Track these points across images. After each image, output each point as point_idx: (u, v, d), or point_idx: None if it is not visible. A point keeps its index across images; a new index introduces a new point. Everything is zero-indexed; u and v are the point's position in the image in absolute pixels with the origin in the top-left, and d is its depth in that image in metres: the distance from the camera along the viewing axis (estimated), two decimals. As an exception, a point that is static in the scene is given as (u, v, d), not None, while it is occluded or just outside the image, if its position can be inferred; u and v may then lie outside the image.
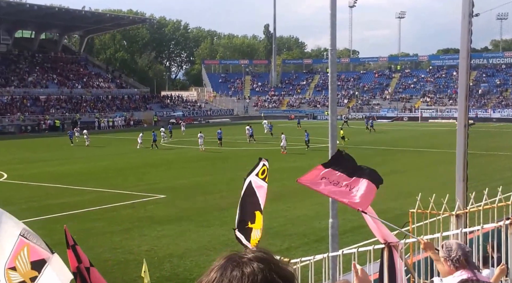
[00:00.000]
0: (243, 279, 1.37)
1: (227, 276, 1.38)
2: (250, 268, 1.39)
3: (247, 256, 1.43)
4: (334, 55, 11.55)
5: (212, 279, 1.40)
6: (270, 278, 1.38)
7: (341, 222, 13.09)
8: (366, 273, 3.08)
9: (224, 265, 1.42)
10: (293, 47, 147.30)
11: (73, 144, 48.63)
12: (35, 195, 24.32)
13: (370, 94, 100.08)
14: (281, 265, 1.44)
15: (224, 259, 1.45)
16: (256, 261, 1.41)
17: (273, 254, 1.48)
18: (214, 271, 1.42)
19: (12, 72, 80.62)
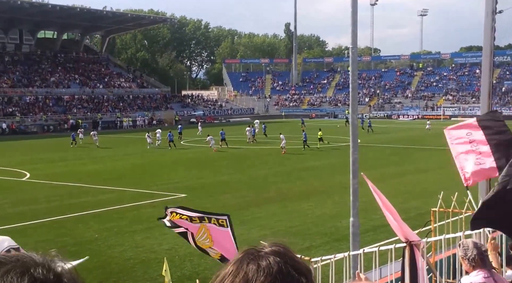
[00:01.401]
0: (258, 271, 1.39)
1: (243, 269, 1.41)
2: (266, 261, 1.41)
3: (264, 250, 1.46)
4: (355, 53, 11.46)
5: (229, 272, 1.43)
6: (285, 271, 1.39)
7: (362, 221, 13.01)
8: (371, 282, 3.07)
9: (241, 259, 1.45)
10: (314, 46, 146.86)
11: (72, 145, 46.98)
12: (58, 194, 24.60)
13: (392, 93, 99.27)
14: (297, 259, 1.46)
15: (241, 253, 1.48)
16: (273, 254, 1.43)
17: (291, 249, 1.49)
18: (231, 265, 1.45)
19: (35, 73, 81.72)
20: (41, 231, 17.91)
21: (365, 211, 16.46)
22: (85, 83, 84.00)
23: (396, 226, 6.22)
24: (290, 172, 30.59)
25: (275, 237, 13.20)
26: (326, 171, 30.24)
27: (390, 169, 30.57)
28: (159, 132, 46.84)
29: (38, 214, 20.26)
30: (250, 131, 49.84)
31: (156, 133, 46.64)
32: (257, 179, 28.16)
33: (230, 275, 1.42)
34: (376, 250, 7.22)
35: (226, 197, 23.28)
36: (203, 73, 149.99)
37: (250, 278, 1.39)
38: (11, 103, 71.52)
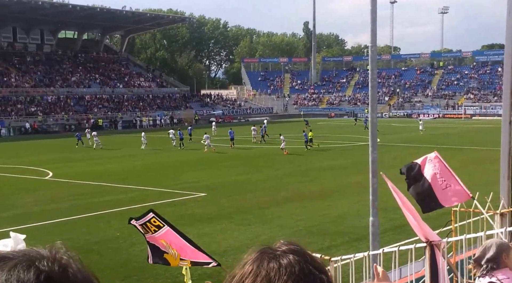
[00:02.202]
0: (280, 270, 1.36)
1: (264, 267, 1.38)
2: (287, 260, 1.39)
3: (281, 248, 1.44)
4: (374, 52, 11.44)
5: (249, 271, 1.40)
6: (307, 269, 1.38)
7: (382, 220, 12.98)
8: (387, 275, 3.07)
9: (260, 258, 1.42)
10: (333, 45, 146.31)
11: (78, 146, 46.59)
12: (80, 192, 24.90)
13: (412, 92, 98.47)
14: (315, 257, 1.46)
15: (256, 252, 1.45)
16: (291, 253, 1.42)
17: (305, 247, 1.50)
18: (249, 264, 1.42)
19: (56, 72, 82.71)
20: (63, 229, 18.17)
21: (385, 210, 16.41)
22: (105, 83, 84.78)
23: (416, 226, 6.23)
24: (307, 171, 30.56)
25: (295, 236, 13.24)
26: (344, 170, 30.15)
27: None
28: (171, 133, 46.80)
29: (61, 212, 20.54)
30: (257, 131, 49.19)
31: (169, 134, 46.77)
32: (275, 179, 28.18)
33: (251, 275, 1.39)
34: (396, 250, 7.22)
35: (246, 196, 23.35)
36: (222, 73, 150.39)
37: (272, 277, 1.36)
38: (33, 103, 72.50)
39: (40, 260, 1.14)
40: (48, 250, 1.18)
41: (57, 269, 1.14)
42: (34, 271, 1.11)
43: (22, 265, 1.12)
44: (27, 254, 1.16)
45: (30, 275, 1.10)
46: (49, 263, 1.14)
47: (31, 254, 1.16)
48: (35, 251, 1.17)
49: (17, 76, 77.67)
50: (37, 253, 1.17)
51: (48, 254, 1.17)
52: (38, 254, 1.16)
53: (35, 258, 1.14)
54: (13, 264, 1.12)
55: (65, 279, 1.14)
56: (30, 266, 1.12)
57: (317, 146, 41.85)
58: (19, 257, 1.14)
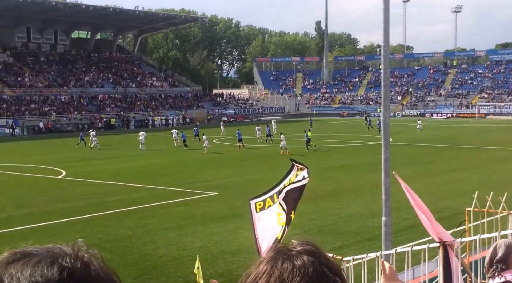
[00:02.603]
0: (294, 271, 1.36)
1: (278, 268, 1.38)
2: (301, 261, 1.38)
3: (296, 249, 1.44)
4: (387, 51, 11.40)
5: (263, 271, 1.40)
6: (320, 271, 1.38)
7: (394, 220, 12.93)
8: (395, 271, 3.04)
9: (274, 257, 1.42)
10: (345, 44, 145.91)
11: (78, 146, 46.04)
12: (93, 191, 25.05)
13: (425, 91, 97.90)
14: (330, 258, 1.45)
15: (272, 252, 1.45)
16: (306, 254, 1.41)
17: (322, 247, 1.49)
18: (264, 264, 1.42)
19: (69, 72, 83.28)
20: (77, 228, 18.28)
21: (398, 210, 16.35)
22: (118, 83, 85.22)
23: (429, 226, 6.19)
24: (320, 170, 30.50)
25: (307, 235, 13.21)
26: (357, 170, 30.05)
27: (422, 168, 30.21)
28: (174, 133, 46.74)
29: (74, 211, 20.67)
30: (262, 131, 48.71)
31: (172, 133, 46.76)
32: (288, 178, 28.11)
33: (265, 275, 1.39)
34: (408, 250, 7.18)
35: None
36: (234, 72, 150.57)
37: (285, 278, 1.36)
38: (46, 103, 73.05)
39: (63, 257, 1.16)
40: (70, 247, 1.21)
41: (80, 266, 1.16)
42: (57, 268, 1.13)
43: (46, 261, 1.14)
44: (50, 251, 1.18)
45: (53, 271, 1.12)
46: (72, 260, 1.16)
47: (54, 251, 1.19)
48: (58, 248, 1.20)
49: (31, 76, 78.31)
50: (60, 250, 1.19)
51: (71, 251, 1.19)
52: (61, 251, 1.18)
53: (58, 255, 1.17)
54: (37, 260, 1.14)
55: (87, 276, 1.16)
56: (54, 263, 1.14)
57: (313, 146, 41.04)
58: (43, 253, 1.17)
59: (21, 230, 17.78)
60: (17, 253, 1.18)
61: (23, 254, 1.17)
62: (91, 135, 46.30)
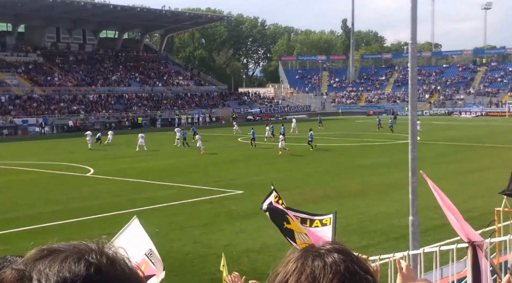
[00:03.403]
0: (325, 268, 1.35)
1: (309, 265, 1.37)
2: (332, 258, 1.37)
3: (325, 247, 1.42)
4: (414, 49, 11.28)
5: (293, 269, 1.39)
6: (352, 269, 1.36)
7: (422, 220, 12.77)
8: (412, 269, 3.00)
9: (304, 255, 1.41)
10: (372, 42, 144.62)
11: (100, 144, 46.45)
12: (120, 189, 25.34)
13: (453, 89, 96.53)
14: (359, 257, 1.44)
15: (300, 251, 1.44)
16: (336, 252, 1.40)
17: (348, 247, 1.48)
18: (293, 262, 1.41)
19: (97, 72, 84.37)
20: (105, 225, 18.50)
21: (425, 209, 16.14)
22: (145, 82, 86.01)
23: (457, 226, 6.10)
24: (345, 169, 30.34)
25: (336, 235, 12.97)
26: (384, 168, 29.79)
27: (451, 167, 29.80)
28: (178, 131, 46.67)
29: (102, 208, 20.94)
30: (270, 130, 47.54)
31: (176, 133, 46.72)
32: (313, 176, 28.07)
33: (295, 273, 1.38)
34: (436, 250, 7.10)
35: (283, 194, 23.14)
36: (260, 71, 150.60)
37: (317, 275, 1.34)
38: (75, 102, 74.14)
39: (89, 253, 1.18)
40: (95, 243, 1.23)
41: (106, 261, 1.18)
42: (84, 263, 1.15)
43: (73, 257, 1.16)
44: (76, 247, 1.20)
45: (80, 267, 1.15)
46: (98, 255, 1.18)
47: (80, 247, 1.21)
48: (84, 244, 1.22)
49: (60, 75, 79.55)
50: (86, 246, 1.21)
51: (96, 248, 1.21)
52: (87, 247, 1.20)
53: (84, 251, 1.19)
54: (64, 256, 1.17)
55: (113, 271, 1.18)
56: (80, 259, 1.16)
57: (313, 147, 39.79)
58: (70, 249, 1.19)
59: (51, 226, 18.07)
60: (44, 249, 1.20)
61: (50, 250, 1.19)
62: (86, 134, 45.69)
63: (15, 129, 64.07)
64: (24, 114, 66.66)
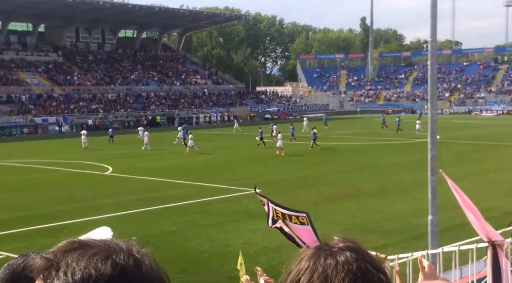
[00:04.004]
0: (337, 267, 1.34)
1: (321, 264, 1.36)
2: (344, 257, 1.36)
3: (338, 245, 1.41)
4: (434, 47, 11.16)
5: (305, 267, 1.38)
6: (364, 267, 1.35)
7: (441, 219, 12.63)
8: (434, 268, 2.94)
9: (316, 254, 1.40)
10: (391, 40, 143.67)
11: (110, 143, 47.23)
12: (137, 188, 25.48)
13: (474, 87, 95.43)
14: (372, 256, 1.42)
15: (312, 249, 1.42)
16: (348, 250, 1.39)
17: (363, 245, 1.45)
18: (306, 260, 1.40)
19: (116, 71, 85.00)
20: (123, 223, 18.62)
21: (444, 209, 15.95)
22: (163, 81, 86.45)
23: (477, 225, 6.01)
24: (365, 168, 30.15)
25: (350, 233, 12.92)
26: (403, 167, 29.55)
27: (471, 166, 29.46)
28: (180, 130, 46.79)
29: (120, 206, 21.08)
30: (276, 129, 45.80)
31: (179, 131, 46.74)
32: (331, 175, 27.95)
33: (308, 271, 1.37)
34: (456, 249, 7.00)
35: (301, 192, 23.25)
36: (277, 69, 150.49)
37: (329, 274, 1.34)
38: (94, 101, 74.78)
39: (117, 252, 1.19)
40: (125, 244, 1.23)
41: (132, 263, 1.18)
42: (111, 263, 1.16)
43: (101, 255, 1.17)
44: (106, 245, 1.21)
45: (107, 266, 1.15)
46: (125, 257, 1.18)
47: (110, 245, 1.21)
48: (114, 243, 1.22)
49: (80, 74, 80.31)
50: (116, 245, 1.21)
51: (126, 248, 1.21)
52: (117, 246, 1.21)
53: (113, 250, 1.19)
54: (93, 252, 1.17)
55: (138, 274, 1.18)
56: (108, 257, 1.17)
57: (312, 147, 39.07)
58: (99, 246, 1.20)
59: (69, 224, 18.23)
60: (75, 242, 1.21)
61: (80, 244, 1.20)
62: (82, 133, 46.36)
63: (35, 128, 64.84)
64: (44, 113, 67.43)
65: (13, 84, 71.01)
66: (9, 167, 34.16)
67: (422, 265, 2.93)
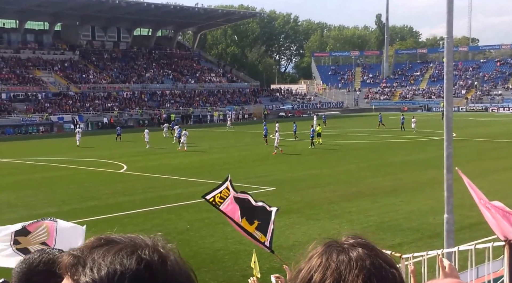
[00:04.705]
0: (351, 263, 1.32)
1: (334, 260, 1.34)
2: (357, 253, 1.34)
3: (349, 241, 1.39)
4: (450, 43, 11.05)
5: (317, 265, 1.35)
6: (378, 263, 1.33)
7: (457, 217, 12.51)
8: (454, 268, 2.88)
9: (327, 250, 1.37)
10: (407, 37, 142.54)
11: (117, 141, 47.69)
12: (152, 185, 25.58)
13: (491, 84, 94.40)
14: (383, 252, 1.39)
15: (322, 246, 1.40)
16: (360, 246, 1.37)
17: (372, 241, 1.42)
18: (317, 257, 1.37)
19: (131, 69, 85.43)
20: (137, 221, 18.72)
21: (461, 207, 15.81)
22: (177, 79, 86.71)
23: (494, 224, 5.92)
24: (380, 166, 29.97)
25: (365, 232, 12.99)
26: (419, 165, 29.32)
27: (487, 164, 29.16)
28: (178, 129, 46.63)
29: (135, 204, 21.18)
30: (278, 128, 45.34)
31: (175, 130, 46.93)
32: (346, 174, 27.82)
33: (320, 268, 1.35)
34: (472, 248, 6.91)
35: (315, 191, 23.18)
36: (292, 67, 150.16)
37: (342, 271, 1.32)
38: (109, 99, 75.24)
39: (143, 248, 1.20)
40: (150, 239, 1.24)
41: (157, 259, 1.19)
42: (136, 258, 1.17)
43: (127, 250, 1.19)
44: (132, 241, 1.22)
45: (132, 261, 1.17)
46: (150, 252, 1.20)
47: (136, 241, 1.22)
48: (140, 238, 1.23)
49: (95, 73, 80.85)
50: (142, 241, 1.23)
51: (151, 244, 1.22)
52: (143, 242, 1.22)
53: (139, 245, 1.21)
54: (119, 248, 1.19)
55: (163, 269, 1.19)
56: (133, 253, 1.18)
57: (311, 146, 38.92)
58: (125, 242, 1.22)
59: (84, 222, 18.27)
60: (102, 238, 1.23)
61: (107, 240, 1.22)
62: (77, 131, 47.65)
63: (51, 126, 65.37)
64: (60, 112, 67.99)
65: (29, 82, 71.70)
66: (25, 165, 34.50)
67: (443, 264, 2.88)
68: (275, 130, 40.52)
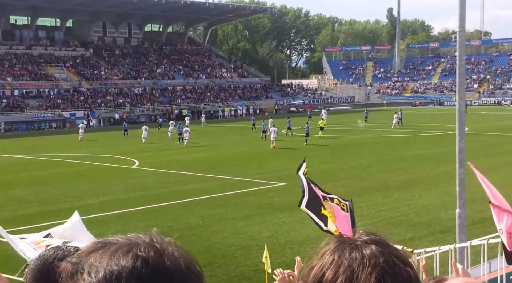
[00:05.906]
0: (364, 261, 1.30)
1: (346, 258, 1.32)
2: (370, 250, 1.33)
3: (362, 238, 1.37)
4: (463, 37, 10.97)
5: (329, 262, 1.34)
6: (391, 261, 1.31)
7: (469, 212, 12.46)
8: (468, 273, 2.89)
9: (340, 247, 1.36)
10: (418, 31, 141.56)
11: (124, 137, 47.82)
12: (164, 181, 25.67)
13: (504, 78, 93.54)
14: (398, 249, 1.37)
15: (335, 242, 1.38)
16: (373, 243, 1.35)
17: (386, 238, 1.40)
18: (329, 254, 1.35)
19: (142, 65, 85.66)
20: (149, 216, 18.81)
21: (473, 202, 15.73)
22: (188, 74, 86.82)
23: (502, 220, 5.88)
24: (392, 161, 29.86)
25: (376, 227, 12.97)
26: (430, 160, 29.18)
27: (500, 159, 28.94)
28: (172, 125, 47.37)
29: (147, 200, 21.27)
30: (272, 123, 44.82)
31: (170, 126, 47.28)
32: (358, 168, 27.75)
33: (332, 266, 1.33)
34: (484, 243, 6.88)
35: (327, 186, 22.98)
36: (303, 62, 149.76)
37: (355, 268, 1.30)
38: (121, 95, 75.52)
39: (138, 245, 1.21)
40: (147, 236, 1.25)
41: (154, 254, 1.19)
42: (131, 256, 1.18)
43: (123, 250, 1.19)
44: (128, 240, 1.23)
45: (127, 259, 1.17)
46: (146, 248, 1.20)
47: (131, 240, 1.23)
48: (136, 236, 1.24)
49: (107, 69, 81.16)
50: (138, 238, 1.23)
51: (147, 240, 1.23)
52: (138, 240, 1.23)
53: (135, 243, 1.21)
54: (115, 249, 1.20)
55: (161, 264, 1.19)
56: (129, 251, 1.19)
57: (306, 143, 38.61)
58: (121, 242, 1.22)
59: (97, 218, 18.46)
60: (98, 242, 1.23)
61: (103, 243, 1.23)
62: (80, 127, 48.37)
63: (63, 122, 65.75)
64: (72, 108, 68.37)
65: (41, 79, 72.12)
66: (38, 160, 34.76)
67: (456, 268, 2.88)
68: (272, 125, 40.64)
